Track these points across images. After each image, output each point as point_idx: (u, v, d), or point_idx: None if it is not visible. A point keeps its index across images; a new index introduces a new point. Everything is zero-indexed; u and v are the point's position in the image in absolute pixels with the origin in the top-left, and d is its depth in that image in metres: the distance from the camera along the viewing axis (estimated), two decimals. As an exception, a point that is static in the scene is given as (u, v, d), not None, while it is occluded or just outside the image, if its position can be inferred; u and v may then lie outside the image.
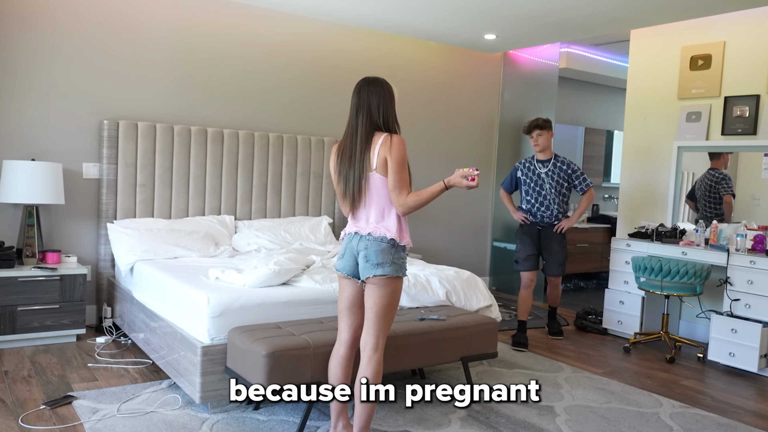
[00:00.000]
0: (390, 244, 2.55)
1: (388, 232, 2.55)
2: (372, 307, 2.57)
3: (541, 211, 4.74)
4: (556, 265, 4.78)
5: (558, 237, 4.75)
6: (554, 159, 4.73)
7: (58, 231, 4.53)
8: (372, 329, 2.59)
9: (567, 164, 4.74)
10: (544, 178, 4.70)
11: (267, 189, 5.22)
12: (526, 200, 4.82)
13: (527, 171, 4.81)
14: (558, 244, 4.75)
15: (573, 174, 4.73)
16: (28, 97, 4.37)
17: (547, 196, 4.71)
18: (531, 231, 4.79)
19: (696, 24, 5.06)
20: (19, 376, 3.52)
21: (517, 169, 4.89)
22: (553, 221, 4.75)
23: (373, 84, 2.59)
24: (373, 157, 2.54)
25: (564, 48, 6.71)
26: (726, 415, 3.44)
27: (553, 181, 4.70)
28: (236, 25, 5.14)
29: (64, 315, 4.14)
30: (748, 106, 4.72)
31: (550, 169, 4.70)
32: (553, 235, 4.75)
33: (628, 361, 4.41)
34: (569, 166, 4.74)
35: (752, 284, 4.21)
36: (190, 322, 3.19)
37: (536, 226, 4.79)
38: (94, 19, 4.56)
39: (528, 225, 4.80)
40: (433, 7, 5.02)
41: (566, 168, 4.72)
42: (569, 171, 4.73)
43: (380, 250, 2.53)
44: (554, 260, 4.77)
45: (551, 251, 4.77)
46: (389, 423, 3.09)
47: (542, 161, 4.76)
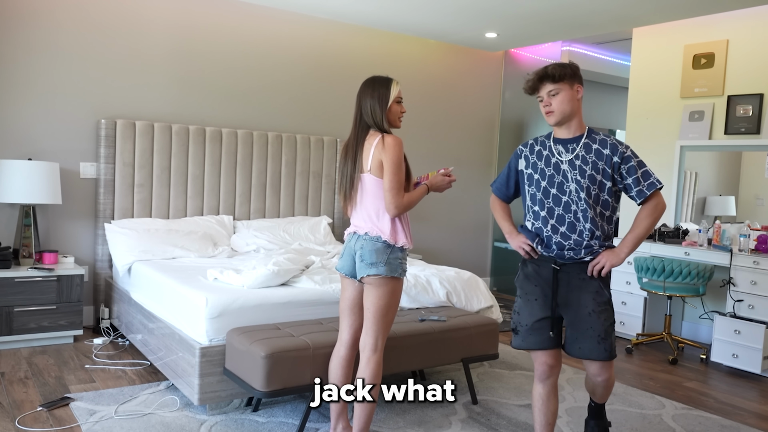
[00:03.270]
0: (384, 245, 2.55)
1: (382, 234, 2.55)
2: (369, 307, 2.57)
3: (562, 236, 2.48)
4: (592, 341, 2.46)
5: (593, 285, 2.47)
6: (587, 137, 2.48)
7: (55, 231, 4.49)
8: (370, 330, 2.58)
9: (613, 146, 2.45)
10: (568, 172, 2.47)
11: (266, 189, 5.19)
12: (532, 214, 2.57)
13: (537, 160, 2.56)
14: (593, 298, 2.46)
15: (624, 165, 2.44)
16: (24, 96, 4.34)
17: (572, 207, 2.46)
18: (542, 273, 2.53)
19: (699, 22, 5.03)
20: (15, 378, 3.49)
21: (518, 157, 2.63)
22: (585, 256, 2.47)
23: (367, 84, 2.63)
24: (367, 159, 2.57)
25: (566, 46, 6.67)
26: (729, 417, 3.41)
27: (585, 178, 2.44)
28: (235, 24, 5.10)
29: (61, 316, 4.11)
30: (752, 105, 4.68)
31: (579, 155, 2.46)
32: (583, 281, 2.48)
33: (631, 362, 4.38)
34: (616, 150, 2.44)
35: (756, 285, 4.17)
36: (189, 323, 3.16)
37: (551, 263, 2.51)
38: (92, 18, 4.53)
39: (536, 262, 2.55)
40: (433, 4, 4.98)
41: (611, 153, 2.44)
42: (617, 159, 2.43)
43: (374, 250, 2.54)
44: (587, 330, 2.46)
45: (579, 313, 2.47)
46: (389, 424, 3.06)
47: (564, 141, 2.51)
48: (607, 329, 2.47)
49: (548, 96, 2.44)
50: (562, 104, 2.43)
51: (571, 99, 2.44)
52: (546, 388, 2.55)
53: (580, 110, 2.49)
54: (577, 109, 2.47)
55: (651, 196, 2.44)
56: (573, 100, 2.45)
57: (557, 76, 2.42)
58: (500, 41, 6.17)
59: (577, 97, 2.46)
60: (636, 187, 2.44)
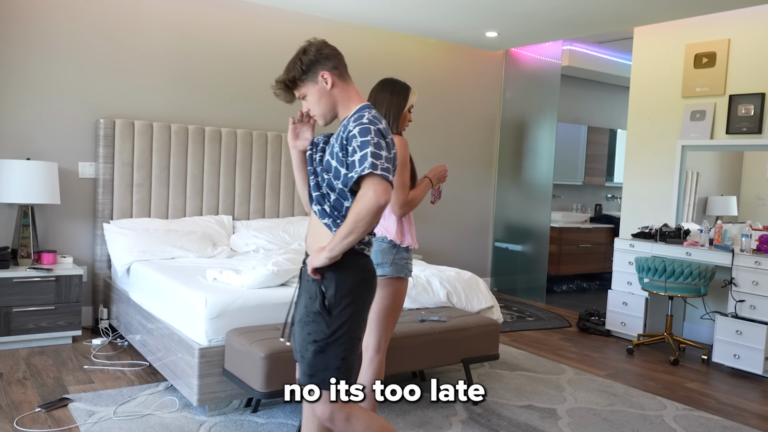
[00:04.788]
0: (390, 245, 2.55)
1: (388, 233, 2.56)
2: (373, 307, 2.55)
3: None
4: (297, 355, 2.01)
5: (312, 289, 1.96)
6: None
7: (53, 231, 4.48)
8: (373, 330, 2.56)
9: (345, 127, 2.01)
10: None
11: (265, 189, 5.17)
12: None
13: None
14: (305, 305, 1.98)
15: (348, 143, 1.94)
16: (23, 95, 4.32)
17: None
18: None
19: (700, 21, 5.01)
20: (14, 379, 3.48)
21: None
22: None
23: (386, 85, 2.64)
24: None
25: (566, 46, 6.65)
26: (731, 418, 3.39)
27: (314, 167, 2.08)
28: (235, 23, 5.09)
29: (60, 316, 4.09)
30: (753, 104, 4.66)
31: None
32: (307, 282, 1.99)
33: (632, 363, 4.36)
34: (345, 129, 1.98)
35: (757, 285, 4.16)
36: (188, 323, 3.15)
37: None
38: (91, 17, 4.51)
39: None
40: (434, 4, 4.97)
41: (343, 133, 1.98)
42: (344, 137, 1.96)
43: (380, 251, 2.54)
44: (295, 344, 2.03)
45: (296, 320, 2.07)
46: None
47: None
48: (307, 347, 1.92)
49: (303, 100, 2.07)
50: (316, 106, 2.03)
51: (321, 95, 2.01)
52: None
53: (341, 96, 2.02)
54: (336, 99, 2.02)
55: (364, 179, 1.85)
56: (324, 94, 2.01)
57: (290, 81, 2.03)
58: (501, 40, 6.15)
59: (326, 88, 2.00)
60: (345, 174, 1.92)
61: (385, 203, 1.83)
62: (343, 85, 2.04)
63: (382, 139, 1.88)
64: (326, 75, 2.00)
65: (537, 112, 6.42)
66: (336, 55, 2.06)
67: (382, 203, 1.82)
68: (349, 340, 1.92)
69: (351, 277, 1.93)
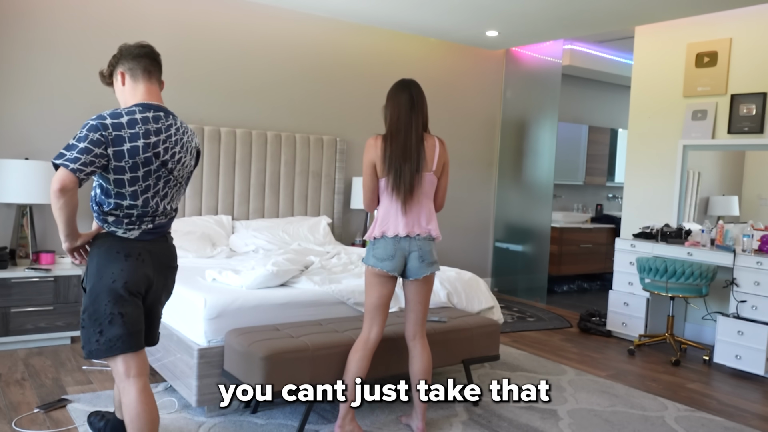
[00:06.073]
0: (434, 243, 2.82)
1: (433, 231, 2.79)
2: (422, 301, 2.82)
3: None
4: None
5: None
6: None
7: (52, 231, 4.46)
8: (422, 320, 2.86)
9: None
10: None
11: (265, 188, 5.16)
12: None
13: None
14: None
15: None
16: (21, 96, 4.31)
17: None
18: None
19: (702, 20, 4.99)
20: (12, 379, 3.46)
21: None
22: None
23: (419, 86, 2.85)
24: (432, 159, 2.77)
25: (567, 45, 6.64)
26: (732, 419, 3.38)
27: None
28: (234, 22, 5.07)
29: (58, 317, 4.07)
30: (755, 104, 4.65)
31: None
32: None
33: (633, 363, 4.35)
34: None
35: (759, 285, 4.14)
36: (187, 324, 3.13)
37: None
38: (89, 17, 4.50)
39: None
40: (434, 2, 4.95)
41: None
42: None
43: (432, 249, 2.79)
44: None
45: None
46: (390, 426, 3.03)
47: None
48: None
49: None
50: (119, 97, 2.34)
51: (119, 92, 2.32)
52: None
53: (128, 95, 2.29)
54: (126, 97, 2.30)
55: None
56: (120, 91, 2.32)
57: (104, 79, 2.38)
58: (501, 39, 6.13)
59: (121, 86, 2.30)
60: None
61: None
62: (129, 90, 2.34)
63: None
64: (121, 75, 2.32)
65: (538, 112, 6.40)
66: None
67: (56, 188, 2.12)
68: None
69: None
